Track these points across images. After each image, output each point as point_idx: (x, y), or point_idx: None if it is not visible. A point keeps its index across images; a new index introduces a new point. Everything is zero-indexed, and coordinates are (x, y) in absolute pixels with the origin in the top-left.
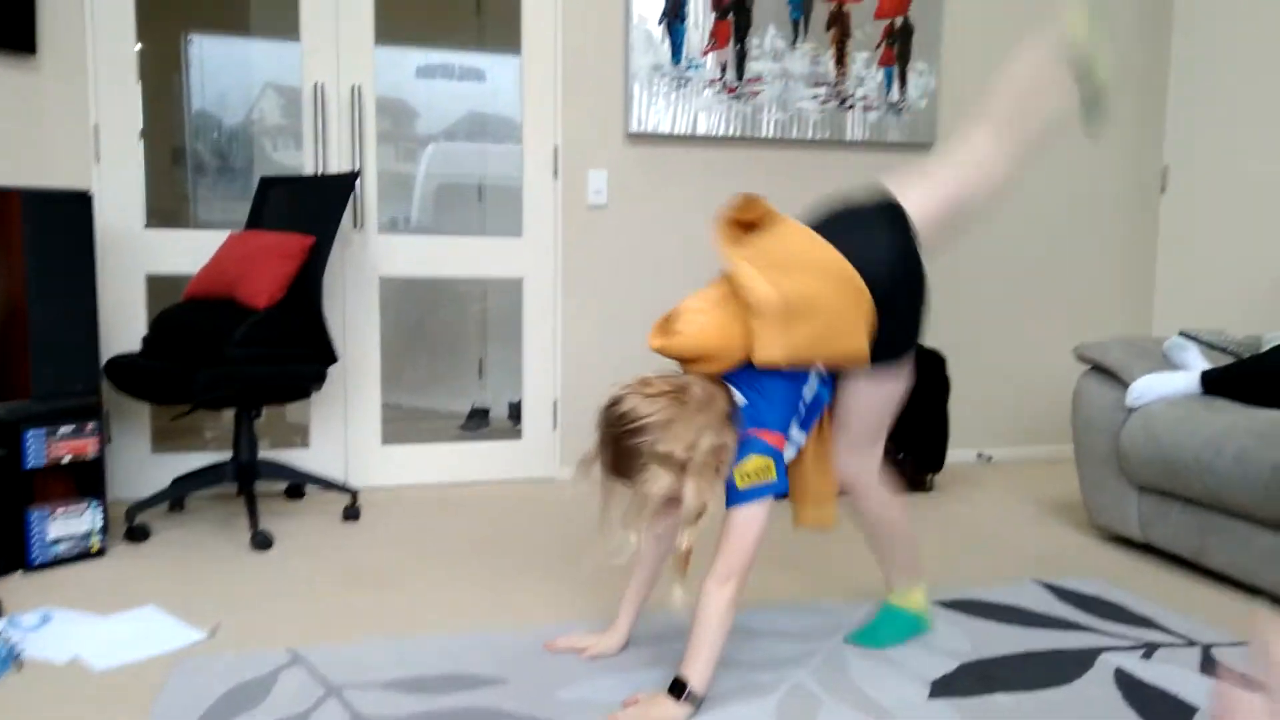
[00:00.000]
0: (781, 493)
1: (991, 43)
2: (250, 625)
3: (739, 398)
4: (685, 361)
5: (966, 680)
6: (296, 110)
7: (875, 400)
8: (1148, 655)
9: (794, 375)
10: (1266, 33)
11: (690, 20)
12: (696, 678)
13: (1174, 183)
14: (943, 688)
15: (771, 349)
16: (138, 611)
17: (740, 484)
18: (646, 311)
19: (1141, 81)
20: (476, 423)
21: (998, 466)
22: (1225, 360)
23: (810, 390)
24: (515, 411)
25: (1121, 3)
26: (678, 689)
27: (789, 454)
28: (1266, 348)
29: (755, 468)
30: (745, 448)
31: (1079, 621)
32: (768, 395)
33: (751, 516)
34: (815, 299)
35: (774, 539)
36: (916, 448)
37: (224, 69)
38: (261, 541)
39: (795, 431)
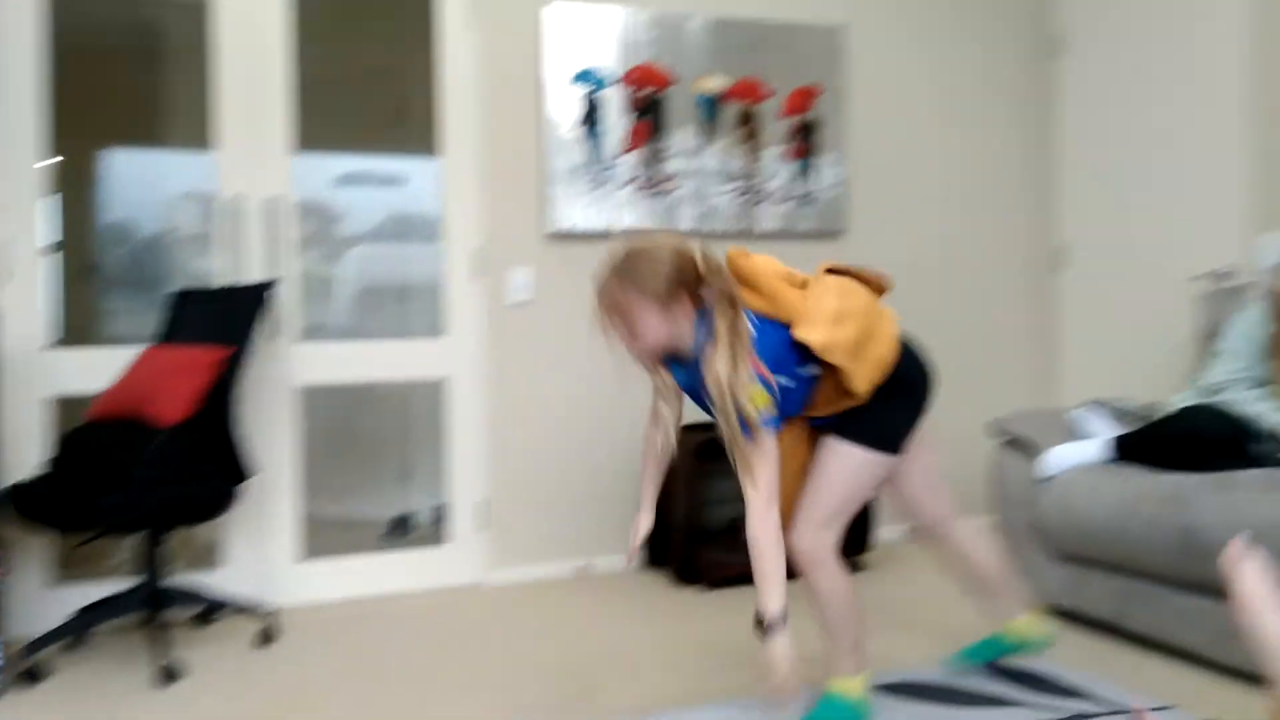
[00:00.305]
0: (778, 423)
1: (895, 131)
2: None
3: (751, 328)
4: (739, 283)
5: None
6: (215, 220)
7: (852, 472)
8: None
9: (792, 348)
10: (1152, 114)
11: (606, 123)
12: (772, 605)
13: (1073, 258)
14: None
15: (815, 331)
16: None
17: (752, 414)
18: (572, 406)
19: (1036, 162)
20: (400, 530)
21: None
22: (1129, 428)
23: (799, 373)
24: (440, 516)
25: (1012, 89)
26: (759, 623)
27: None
28: (1168, 413)
29: (761, 397)
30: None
31: (1013, 697)
32: (767, 338)
33: (768, 443)
34: (860, 315)
35: (700, 633)
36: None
37: (140, 180)
38: (170, 675)
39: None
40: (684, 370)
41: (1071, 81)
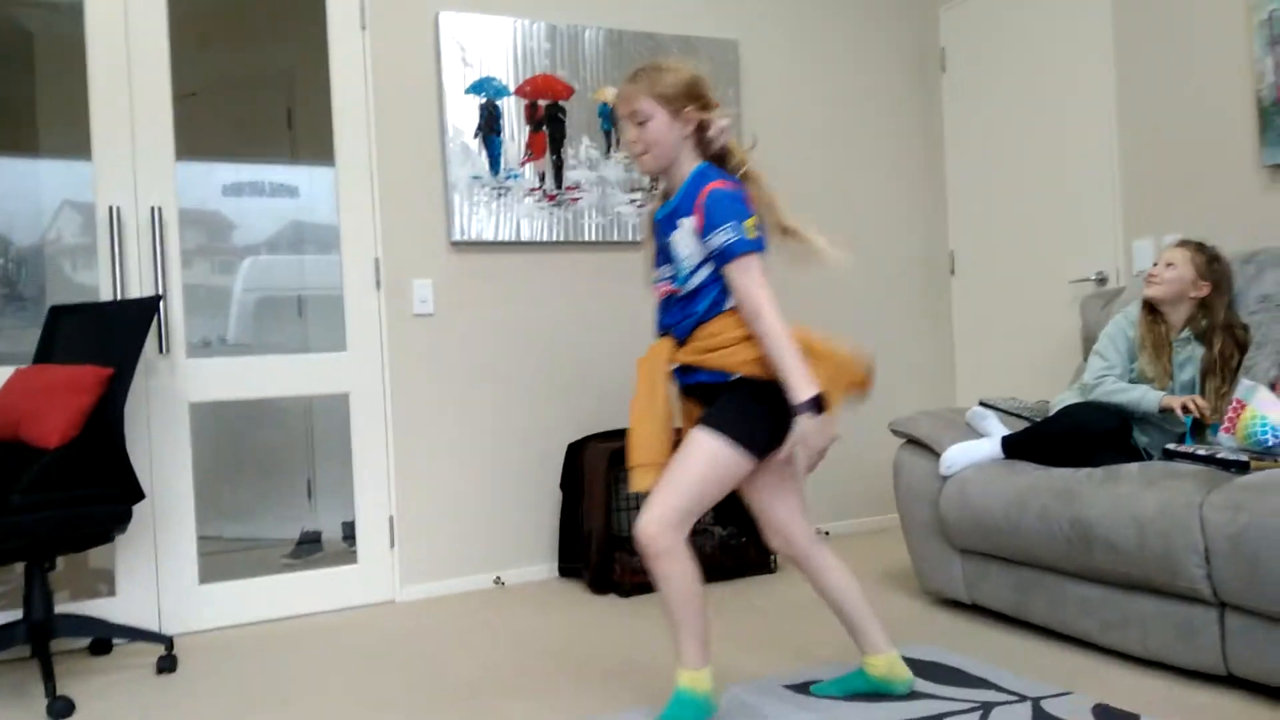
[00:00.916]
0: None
1: (789, 144)
2: None
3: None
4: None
5: None
6: (96, 231)
7: (709, 463)
8: (985, 716)
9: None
10: (1028, 127)
11: (506, 133)
12: (798, 387)
13: (961, 264)
14: None
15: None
16: None
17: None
18: (480, 418)
19: (927, 173)
20: (307, 549)
21: (834, 540)
22: (1021, 425)
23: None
24: (349, 532)
25: (901, 104)
26: (800, 407)
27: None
28: (1054, 411)
29: (749, 225)
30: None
31: (922, 690)
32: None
33: (756, 266)
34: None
35: (616, 642)
36: (755, 530)
37: (13, 189)
38: (60, 710)
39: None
40: (665, 216)
41: (950, 96)
